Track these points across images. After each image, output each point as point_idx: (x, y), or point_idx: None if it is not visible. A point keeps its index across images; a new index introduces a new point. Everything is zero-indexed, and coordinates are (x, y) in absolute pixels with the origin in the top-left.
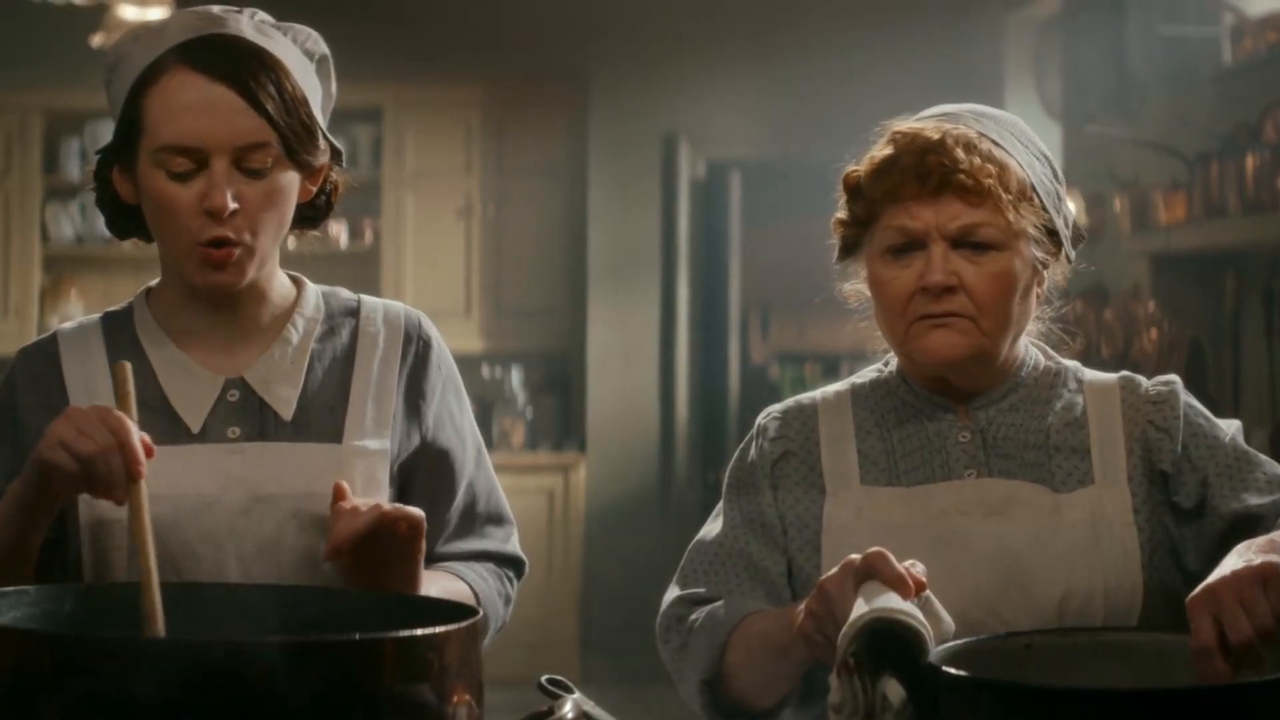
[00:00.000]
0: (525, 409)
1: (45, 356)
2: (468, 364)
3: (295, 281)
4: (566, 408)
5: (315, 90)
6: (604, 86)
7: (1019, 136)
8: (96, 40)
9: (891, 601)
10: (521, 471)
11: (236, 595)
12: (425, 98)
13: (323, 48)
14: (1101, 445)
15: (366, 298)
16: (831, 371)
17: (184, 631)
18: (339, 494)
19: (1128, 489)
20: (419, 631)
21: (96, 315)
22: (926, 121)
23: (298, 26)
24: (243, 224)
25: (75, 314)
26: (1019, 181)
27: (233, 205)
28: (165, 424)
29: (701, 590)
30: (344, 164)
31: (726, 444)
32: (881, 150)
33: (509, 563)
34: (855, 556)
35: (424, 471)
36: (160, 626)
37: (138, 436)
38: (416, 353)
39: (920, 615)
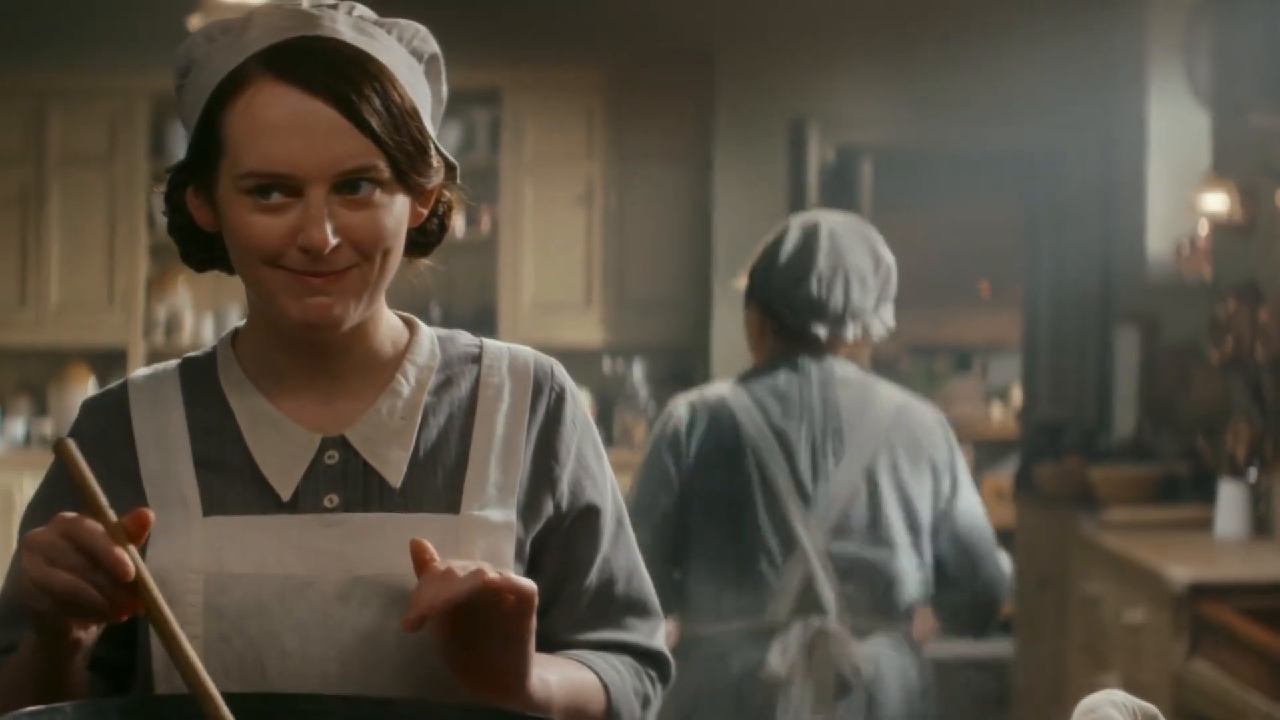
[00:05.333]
0: (648, 405)
1: (113, 410)
2: (587, 358)
3: (407, 323)
4: None
5: (425, 96)
6: (730, 69)
7: None
8: (193, 23)
9: None
10: None
11: (319, 708)
12: (545, 80)
13: (432, 45)
14: None
15: (490, 342)
16: (964, 365)
17: None
18: (421, 554)
19: None
20: None
21: (174, 361)
22: None
23: (403, 22)
24: (347, 259)
25: (183, 305)
26: None
27: (334, 241)
28: (251, 491)
29: None
30: (458, 179)
31: None
32: None
33: (651, 660)
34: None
35: (555, 544)
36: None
37: (103, 536)
38: (548, 407)
39: None
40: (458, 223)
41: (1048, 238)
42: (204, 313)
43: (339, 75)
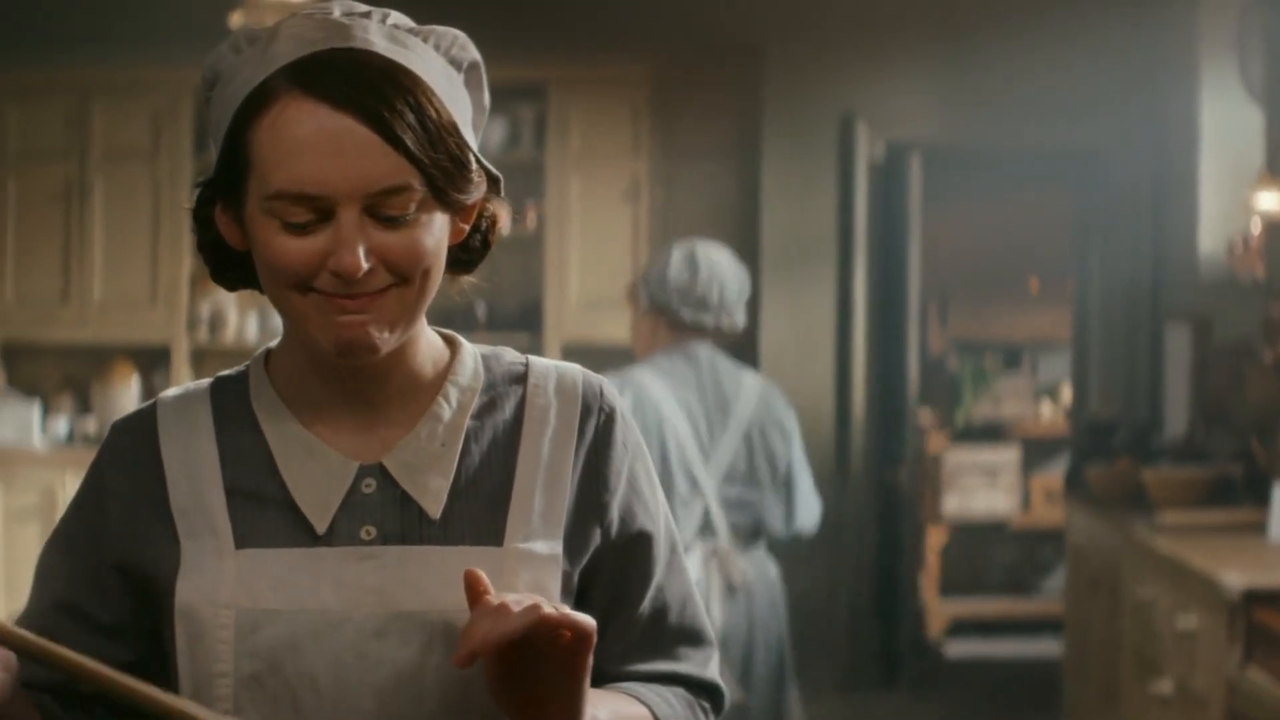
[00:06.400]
0: None
1: (141, 433)
2: (633, 355)
3: (448, 341)
4: None
5: (464, 107)
6: (778, 64)
7: None
8: (235, 20)
9: None
10: None
11: None
12: (591, 76)
13: (472, 53)
14: None
15: (536, 360)
16: (1013, 362)
17: None
18: (476, 586)
19: None
20: None
21: (206, 381)
22: None
23: (440, 29)
24: (383, 281)
25: (226, 304)
26: None
27: (366, 265)
28: (284, 521)
29: None
30: (502, 192)
31: (904, 438)
32: None
33: (705, 691)
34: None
35: (605, 573)
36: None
37: None
38: (597, 429)
39: None
40: (502, 219)
41: (1098, 235)
42: (248, 310)
43: (370, 89)
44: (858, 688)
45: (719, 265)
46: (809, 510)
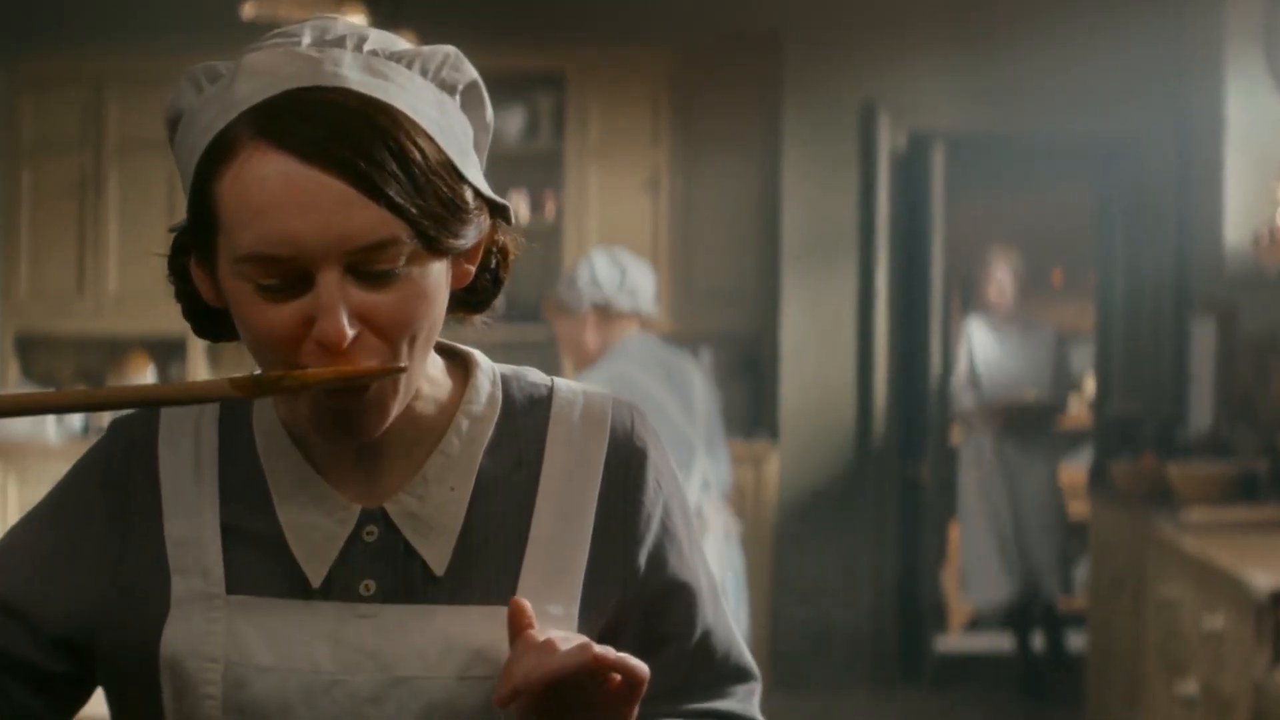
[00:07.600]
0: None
1: (141, 440)
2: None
3: (462, 363)
4: (758, 394)
5: (462, 132)
6: (799, 53)
7: None
8: (247, 11)
9: None
10: None
11: None
12: (610, 64)
13: (467, 72)
14: None
15: (562, 384)
16: None
17: None
18: (519, 618)
19: None
20: None
21: None
22: None
23: (427, 50)
24: (374, 346)
25: None
26: None
27: (351, 332)
28: (279, 569)
29: None
30: (512, 220)
31: (927, 433)
32: None
33: None
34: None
35: (634, 624)
36: None
37: None
38: (626, 469)
39: None
40: (521, 209)
41: (1122, 226)
42: None
43: (342, 137)
44: (879, 682)
45: (634, 262)
46: (725, 467)
